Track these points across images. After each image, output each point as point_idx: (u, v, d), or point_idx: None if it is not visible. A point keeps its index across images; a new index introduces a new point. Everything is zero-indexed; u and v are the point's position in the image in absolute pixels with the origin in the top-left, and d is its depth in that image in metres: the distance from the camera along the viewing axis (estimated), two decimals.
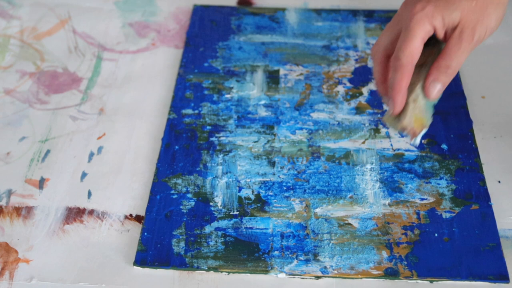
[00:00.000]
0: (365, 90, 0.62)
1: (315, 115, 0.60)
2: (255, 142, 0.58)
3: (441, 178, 0.54)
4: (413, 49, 0.44)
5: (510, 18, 0.70)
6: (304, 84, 0.63)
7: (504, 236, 0.50)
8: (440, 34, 0.44)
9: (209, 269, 0.49)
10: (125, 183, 0.55)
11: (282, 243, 0.50)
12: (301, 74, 0.64)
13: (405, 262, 0.49)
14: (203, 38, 0.69)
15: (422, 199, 0.53)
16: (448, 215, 0.51)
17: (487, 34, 0.45)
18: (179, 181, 0.55)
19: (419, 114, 0.46)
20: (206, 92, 0.62)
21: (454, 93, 0.61)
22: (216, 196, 0.54)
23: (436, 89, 0.45)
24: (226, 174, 0.55)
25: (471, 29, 0.44)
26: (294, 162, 0.56)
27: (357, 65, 0.65)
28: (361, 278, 0.48)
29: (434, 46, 0.46)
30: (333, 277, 0.48)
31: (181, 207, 0.53)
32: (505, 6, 0.46)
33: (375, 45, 0.48)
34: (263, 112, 0.60)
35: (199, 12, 0.72)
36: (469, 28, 0.44)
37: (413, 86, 0.46)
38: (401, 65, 0.44)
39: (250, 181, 0.55)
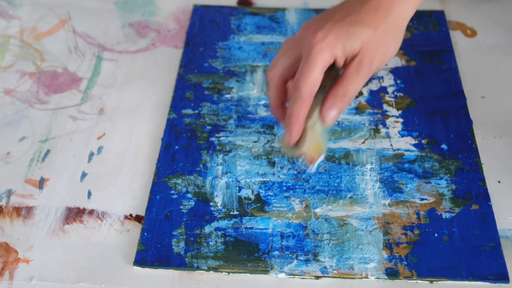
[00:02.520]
0: (365, 90, 0.62)
1: None
2: (255, 142, 0.58)
3: (441, 178, 0.54)
4: (314, 80, 0.43)
5: (510, 18, 0.70)
6: None
7: (504, 236, 0.50)
8: (340, 63, 0.44)
9: (209, 269, 0.49)
10: (125, 183, 0.55)
11: (282, 243, 0.50)
12: None
13: (405, 262, 0.49)
14: (203, 38, 0.69)
15: (422, 199, 0.53)
16: (448, 215, 0.51)
17: (386, 61, 0.45)
18: (179, 181, 0.55)
19: (316, 140, 0.45)
20: (206, 92, 0.62)
21: (454, 93, 0.61)
22: (216, 196, 0.54)
23: (332, 115, 0.45)
24: (226, 174, 0.55)
25: (370, 58, 0.44)
26: (294, 162, 0.56)
27: None
28: (361, 278, 0.48)
29: (331, 70, 0.45)
30: (333, 277, 0.48)
31: (181, 207, 0.53)
32: (403, 31, 0.46)
33: (272, 69, 0.46)
34: (263, 112, 0.60)
35: (199, 12, 0.72)
36: (368, 58, 0.44)
37: (311, 112, 0.45)
38: (300, 96, 0.43)
39: (250, 181, 0.55)
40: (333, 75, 0.45)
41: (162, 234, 0.51)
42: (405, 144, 0.57)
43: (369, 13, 0.44)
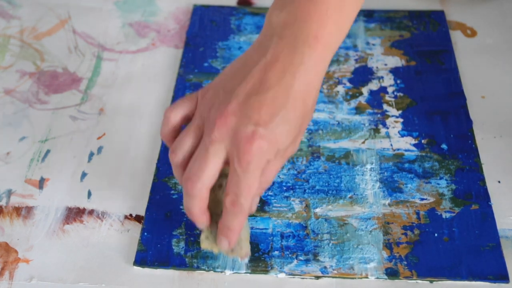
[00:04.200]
0: (365, 90, 0.62)
1: (315, 115, 0.60)
2: None
3: (441, 178, 0.54)
4: (255, 193, 0.42)
5: (510, 18, 0.70)
6: None
7: (504, 236, 0.50)
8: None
9: (209, 269, 0.49)
10: (125, 183, 0.55)
11: (282, 243, 0.50)
12: None
13: (405, 262, 0.49)
14: (203, 38, 0.69)
15: (422, 199, 0.53)
16: (448, 215, 0.51)
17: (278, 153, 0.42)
18: None
19: (246, 233, 0.47)
20: None
21: (454, 93, 0.61)
22: None
23: (226, 246, 0.44)
24: None
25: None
26: (294, 162, 0.56)
27: (357, 65, 0.65)
28: (361, 278, 0.48)
29: None
30: (333, 277, 0.48)
31: (181, 207, 0.53)
32: (295, 121, 0.42)
33: (196, 180, 0.42)
34: None
35: (199, 12, 0.72)
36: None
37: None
38: (242, 211, 0.42)
39: None
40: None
41: (162, 234, 0.51)
42: (405, 144, 0.57)
43: (272, 87, 0.41)
